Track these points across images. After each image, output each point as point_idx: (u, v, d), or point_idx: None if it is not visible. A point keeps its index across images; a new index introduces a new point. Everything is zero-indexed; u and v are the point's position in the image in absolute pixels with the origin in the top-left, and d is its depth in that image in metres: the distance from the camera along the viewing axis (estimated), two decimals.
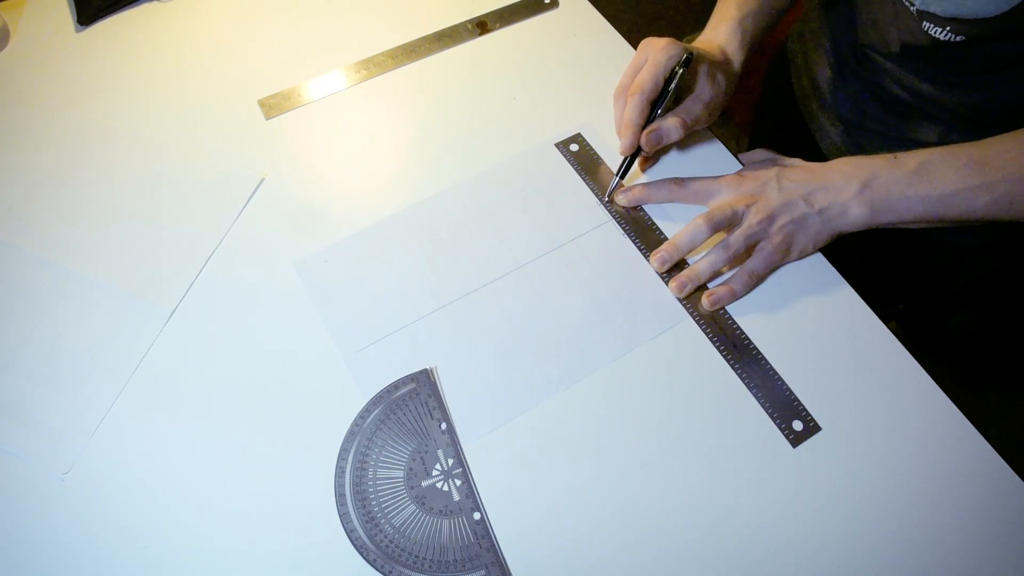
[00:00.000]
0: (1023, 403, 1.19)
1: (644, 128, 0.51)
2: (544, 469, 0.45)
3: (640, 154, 0.53)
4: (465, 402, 0.47)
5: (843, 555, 0.41)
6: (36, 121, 0.62)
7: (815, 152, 0.67)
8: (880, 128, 0.59)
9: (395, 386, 0.47)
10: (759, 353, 0.48)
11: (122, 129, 0.61)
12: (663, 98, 0.51)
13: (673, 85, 0.50)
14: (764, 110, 0.82)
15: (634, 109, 0.51)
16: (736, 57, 0.55)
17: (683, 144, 0.58)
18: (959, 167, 0.45)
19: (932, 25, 0.50)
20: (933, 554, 0.41)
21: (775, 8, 0.58)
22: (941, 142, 0.55)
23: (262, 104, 0.62)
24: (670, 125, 0.50)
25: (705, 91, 0.52)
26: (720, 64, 0.53)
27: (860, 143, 0.62)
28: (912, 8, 0.51)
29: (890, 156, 0.48)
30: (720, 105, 0.53)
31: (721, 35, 0.56)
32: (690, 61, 0.49)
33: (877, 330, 0.49)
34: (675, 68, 0.50)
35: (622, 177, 0.54)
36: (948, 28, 0.49)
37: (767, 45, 1.26)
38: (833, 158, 0.51)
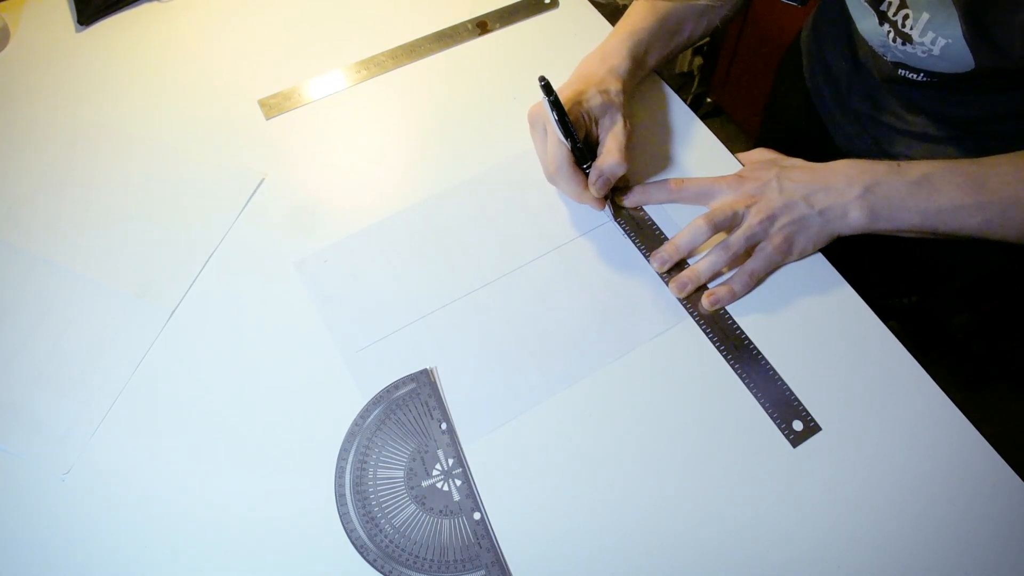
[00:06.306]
0: (1023, 403, 1.19)
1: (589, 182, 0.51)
2: (544, 469, 0.45)
3: (612, 193, 0.53)
4: (465, 402, 0.47)
5: (842, 554, 0.41)
6: (36, 121, 0.62)
7: (828, 146, 0.67)
8: (895, 123, 0.59)
9: (395, 386, 0.47)
10: (759, 353, 0.48)
11: (122, 129, 0.61)
12: (576, 143, 0.50)
13: (566, 127, 0.49)
14: (775, 103, 0.82)
15: (567, 183, 0.51)
16: (620, 61, 0.55)
17: (683, 144, 0.58)
18: (959, 184, 0.46)
19: (907, 72, 0.53)
20: (933, 554, 0.41)
21: (669, 31, 0.59)
22: (954, 139, 0.56)
23: (262, 104, 0.62)
24: (609, 163, 0.50)
25: (607, 109, 0.52)
26: (601, 79, 0.53)
27: (875, 136, 0.62)
28: (886, 58, 0.54)
29: (893, 164, 0.48)
30: (627, 111, 0.53)
31: (605, 45, 0.57)
32: (550, 89, 0.48)
33: (877, 330, 0.49)
34: (554, 116, 0.48)
35: (615, 212, 0.54)
36: (921, 74, 0.52)
37: (779, 35, 1.25)
38: (848, 152, 0.51)
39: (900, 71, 0.54)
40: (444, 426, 0.46)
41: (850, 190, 0.48)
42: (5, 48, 0.67)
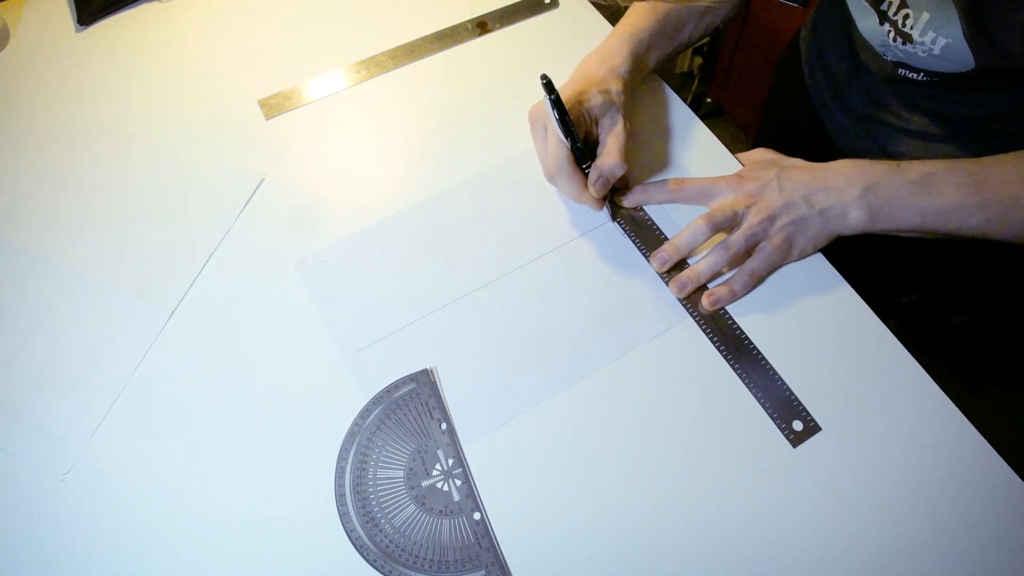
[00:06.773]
0: (1023, 403, 1.19)
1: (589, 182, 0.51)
2: (544, 469, 0.45)
3: (611, 194, 0.53)
4: (465, 402, 0.47)
5: (843, 554, 0.41)
6: (36, 121, 0.62)
7: (828, 146, 0.67)
8: (895, 122, 0.59)
9: (395, 386, 0.47)
10: (759, 353, 0.48)
11: (122, 129, 0.61)
12: (576, 143, 0.49)
13: (567, 127, 0.48)
14: (774, 103, 0.82)
15: (566, 183, 0.51)
16: (621, 61, 0.55)
17: (683, 144, 0.58)
18: (959, 183, 0.46)
19: (907, 71, 0.53)
20: (933, 553, 0.41)
21: (670, 31, 0.58)
22: (954, 138, 0.56)
23: (262, 104, 0.62)
24: (609, 163, 0.50)
25: (608, 109, 0.51)
26: (602, 79, 0.53)
27: (875, 136, 0.62)
28: (886, 58, 0.54)
29: (894, 164, 0.48)
30: (627, 112, 0.53)
31: (606, 45, 0.56)
32: (552, 88, 0.47)
33: (877, 330, 0.49)
34: (554, 115, 0.48)
35: (614, 212, 0.54)
36: (922, 74, 0.52)
37: (779, 35, 1.25)
38: (848, 152, 0.51)
39: (900, 71, 0.54)
40: (444, 426, 0.46)
41: (850, 190, 0.48)
42: (5, 48, 0.67)
